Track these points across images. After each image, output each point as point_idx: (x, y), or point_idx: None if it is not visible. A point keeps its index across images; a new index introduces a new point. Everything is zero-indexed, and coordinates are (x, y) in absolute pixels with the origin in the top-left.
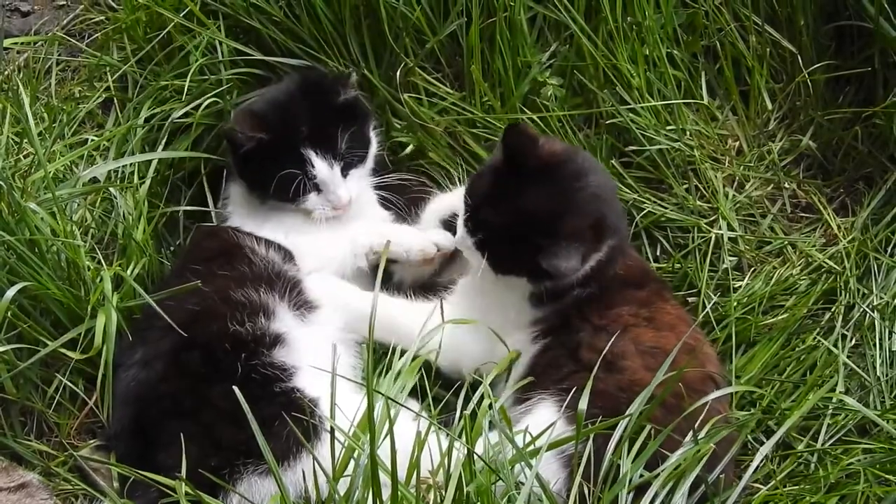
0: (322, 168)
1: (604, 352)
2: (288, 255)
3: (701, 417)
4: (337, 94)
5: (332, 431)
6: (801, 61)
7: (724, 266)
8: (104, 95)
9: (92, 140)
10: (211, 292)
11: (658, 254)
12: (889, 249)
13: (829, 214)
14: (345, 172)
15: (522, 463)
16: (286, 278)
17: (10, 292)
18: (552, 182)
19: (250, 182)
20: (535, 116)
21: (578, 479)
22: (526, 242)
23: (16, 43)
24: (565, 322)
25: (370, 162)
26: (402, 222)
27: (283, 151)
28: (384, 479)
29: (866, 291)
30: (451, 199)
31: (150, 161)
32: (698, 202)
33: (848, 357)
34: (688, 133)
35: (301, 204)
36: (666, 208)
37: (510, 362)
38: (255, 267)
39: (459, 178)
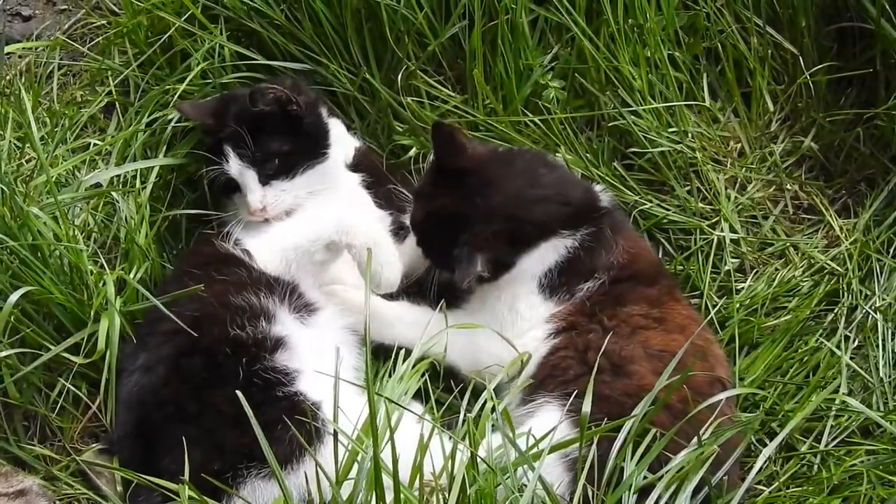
0: (234, 166)
1: (612, 354)
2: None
3: (707, 420)
4: (255, 102)
5: (335, 435)
6: (802, 63)
7: (727, 268)
8: (106, 100)
9: (94, 145)
10: (210, 297)
11: (660, 256)
12: (891, 251)
13: (831, 216)
14: (265, 180)
15: (526, 466)
16: (285, 282)
17: (14, 297)
18: (463, 187)
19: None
20: (536, 119)
21: (582, 482)
22: (439, 242)
23: (18, 48)
24: (577, 321)
25: (306, 178)
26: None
27: (215, 145)
28: (387, 482)
29: (869, 293)
30: None
31: (151, 166)
32: (700, 204)
33: (851, 358)
34: (689, 135)
35: (229, 198)
36: (668, 210)
37: (522, 364)
38: (253, 271)
39: None
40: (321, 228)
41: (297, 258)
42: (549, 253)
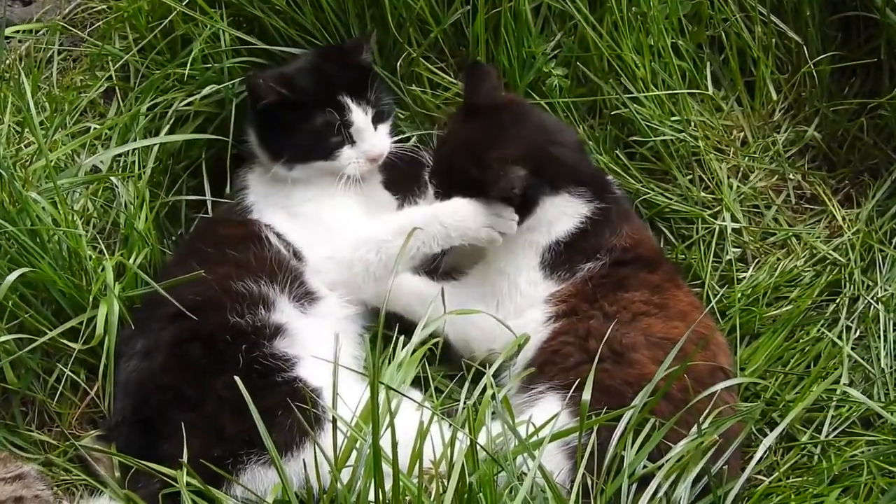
0: (359, 115)
1: (613, 342)
2: (294, 250)
3: (707, 409)
4: (361, 50)
5: (334, 422)
6: (806, 52)
7: (728, 257)
8: (106, 85)
9: (94, 129)
10: (212, 282)
11: (662, 245)
12: (894, 241)
13: (833, 206)
14: (375, 124)
15: (525, 454)
16: (288, 269)
17: (12, 276)
18: (494, 120)
19: (273, 142)
20: (542, 103)
21: (582, 470)
22: (464, 169)
23: (17, 32)
24: (577, 305)
25: (391, 119)
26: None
27: (315, 103)
28: (386, 469)
29: (871, 283)
30: None
31: (151, 151)
32: (702, 193)
33: (852, 349)
34: (692, 124)
35: (334, 159)
36: (670, 199)
37: (519, 347)
38: (259, 257)
39: None
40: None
41: (365, 267)
42: (563, 214)
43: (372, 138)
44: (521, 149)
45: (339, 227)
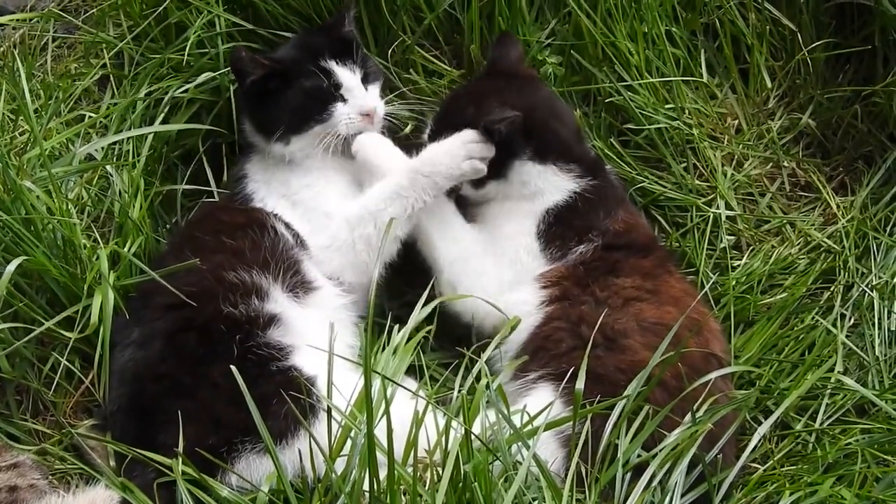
0: (346, 75)
1: (605, 328)
2: (296, 235)
3: (702, 397)
4: (343, 21)
5: (328, 411)
6: (800, 39)
7: (723, 245)
8: (100, 72)
9: (88, 117)
10: (206, 272)
11: (656, 233)
12: (888, 229)
13: (828, 193)
14: (364, 84)
15: (520, 443)
16: (283, 258)
17: (12, 266)
18: (508, 82)
19: (266, 119)
20: None
21: (576, 459)
22: (459, 113)
23: (12, 19)
24: (569, 290)
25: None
26: None
27: (302, 71)
28: (381, 458)
29: (865, 271)
30: None
31: (145, 139)
32: (697, 181)
33: (847, 337)
34: (686, 111)
35: (328, 116)
36: (664, 187)
37: (510, 329)
38: (254, 246)
39: None
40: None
41: (362, 238)
42: (552, 186)
43: (363, 96)
44: (523, 108)
45: (336, 211)
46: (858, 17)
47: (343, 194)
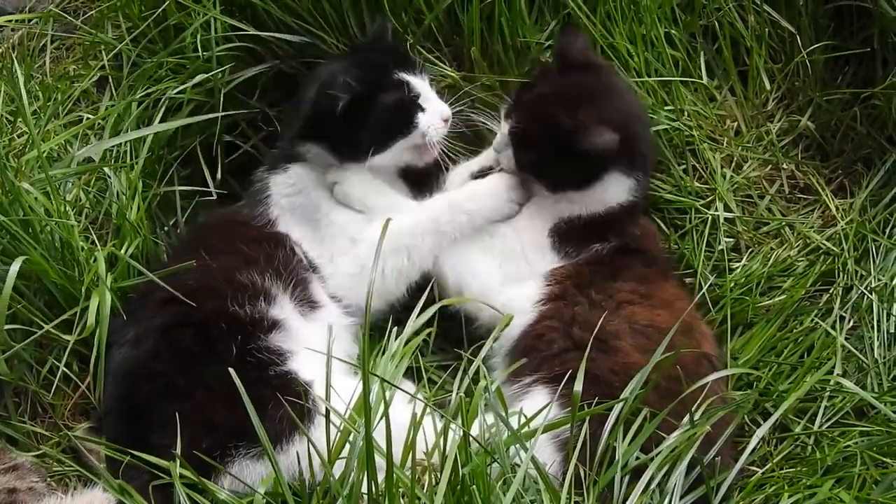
0: (419, 84)
1: (596, 331)
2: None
3: (698, 400)
4: (385, 34)
5: (327, 414)
6: (799, 41)
7: (721, 247)
8: (99, 74)
9: (87, 119)
10: (214, 270)
11: None
12: (887, 231)
13: (827, 196)
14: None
15: (517, 446)
16: (294, 273)
17: (14, 267)
18: (588, 77)
19: (351, 142)
20: None
21: (574, 462)
22: (549, 117)
23: (10, 20)
24: (568, 289)
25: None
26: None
27: (379, 88)
28: (379, 461)
29: (864, 273)
30: (479, 158)
31: (144, 141)
32: (696, 183)
33: (846, 339)
34: (686, 113)
35: (415, 128)
36: (664, 189)
37: (504, 325)
38: (269, 256)
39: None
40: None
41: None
42: (609, 195)
43: (437, 101)
44: (619, 122)
45: (368, 239)
46: (857, 19)
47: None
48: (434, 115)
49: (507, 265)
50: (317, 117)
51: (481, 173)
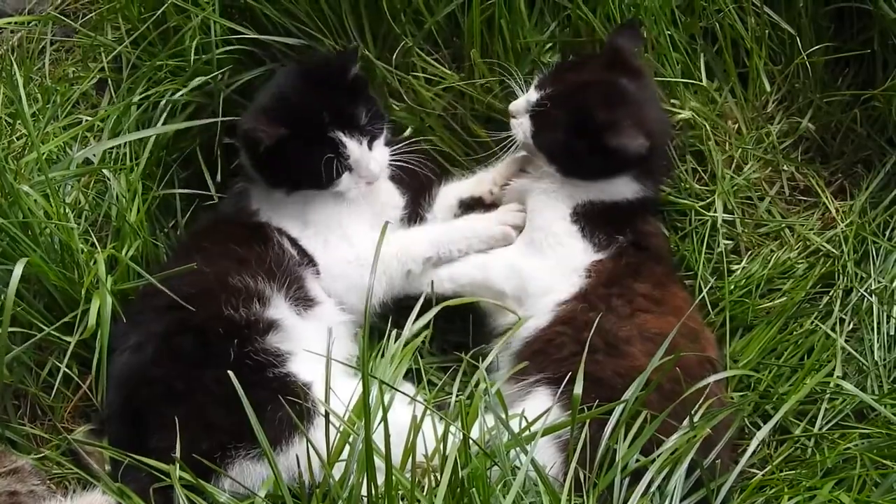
0: (353, 148)
1: (608, 334)
2: (302, 252)
3: (698, 402)
4: (346, 70)
5: (326, 415)
6: (799, 43)
7: (721, 249)
8: (98, 76)
9: (86, 121)
10: (209, 274)
11: None
12: (887, 233)
13: (827, 197)
14: (370, 145)
15: (518, 448)
16: (287, 271)
17: (17, 270)
18: (634, 81)
19: (273, 178)
20: None
21: (574, 464)
22: (585, 108)
23: (9, 23)
24: (595, 289)
25: (386, 131)
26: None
27: (309, 140)
28: (378, 463)
29: (864, 275)
30: (469, 184)
31: (143, 143)
32: (696, 185)
33: (846, 341)
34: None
35: (335, 187)
36: (663, 190)
37: (516, 329)
38: (260, 257)
39: (460, 162)
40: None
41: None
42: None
43: (368, 164)
44: (650, 132)
45: (361, 239)
46: (857, 20)
47: (369, 224)
48: (358, 177)
49: (545, 255)
50: (245, 147)
51: (471, 201)
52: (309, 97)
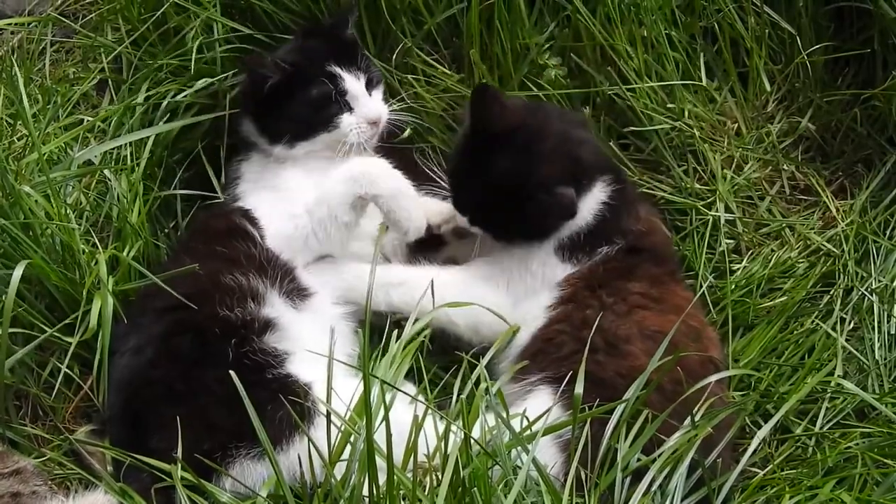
0: (351, 81)
1: (607, 333)
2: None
3: (700, 402)
4: (346, 24)
5: (328, 415)
6: (799, 43)
7: (722, 248)
8: (99, 77)
9: (87, 121)
10: (202, 276)
11: None
12: (888, 232)
13: (827, 197)
14: (368, 90)
15: (519, 448)
16: (278, 264)
17: (18, 272)
18: (512, 145)
19: (275, 126)
20: (539, 94)
21: (575, 464)
22: (515, 207)
23: (10, 24)
24: (579, 292)
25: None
26: None
27: (310, 78)
28: (380, 463)
29: (865, 274)
30: (443, 211)
31: (144, 143)
32: (696, 184)
33: (846, 340)
34: (686, 114)
35: (335, 127)
36: (664, 190)
37: (512, 336)
38: (248, 252)
39: None
40: (344, 182)
41: (319, 223)
42: (587, 206)
43: (368, 102)
44: (557, 165)
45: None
46: (857, 20)
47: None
48: (359, 118)
49: (514, 286)
50: (250, 90)
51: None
52: (309, 42)
